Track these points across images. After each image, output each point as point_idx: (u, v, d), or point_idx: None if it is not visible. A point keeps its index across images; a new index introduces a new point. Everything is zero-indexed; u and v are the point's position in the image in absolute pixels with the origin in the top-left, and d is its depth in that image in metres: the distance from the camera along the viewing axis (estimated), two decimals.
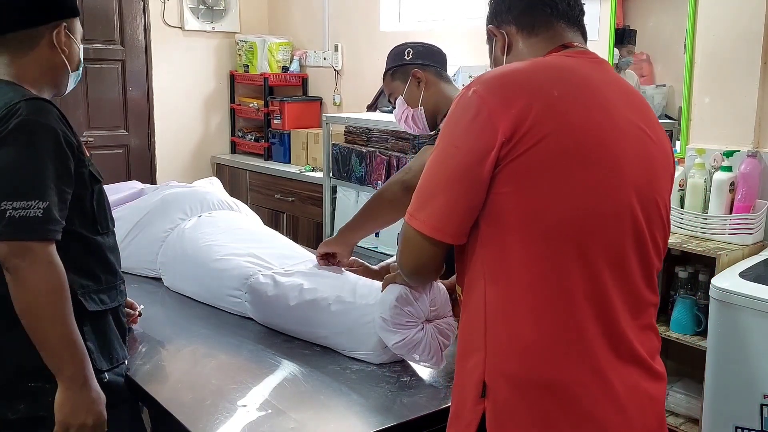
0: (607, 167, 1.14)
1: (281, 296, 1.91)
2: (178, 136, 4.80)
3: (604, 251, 1.14)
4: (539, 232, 1.12)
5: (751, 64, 2.55)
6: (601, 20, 3.03)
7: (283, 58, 4.82)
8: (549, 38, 1.29)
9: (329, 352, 1.79)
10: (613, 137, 1.16)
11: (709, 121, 2.71)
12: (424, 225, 1.17)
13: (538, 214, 1.11)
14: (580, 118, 1.14)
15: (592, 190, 1.13)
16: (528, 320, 1.13)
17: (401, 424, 1.45)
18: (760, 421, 2.07)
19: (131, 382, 1.65)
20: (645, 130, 1.23)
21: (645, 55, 3.04)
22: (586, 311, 1.13)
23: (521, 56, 1.30)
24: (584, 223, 1.13)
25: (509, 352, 1.14)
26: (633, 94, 1.29)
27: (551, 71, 1.20)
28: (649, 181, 1.20)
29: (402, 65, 2.14)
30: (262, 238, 2.32)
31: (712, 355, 2.19)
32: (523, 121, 1.11)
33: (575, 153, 1.12)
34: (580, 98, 1.17)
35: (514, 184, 1.12)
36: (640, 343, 1.19)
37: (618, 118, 1.18)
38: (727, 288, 2.12)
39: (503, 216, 1.13)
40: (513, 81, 1.16)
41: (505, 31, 1.33)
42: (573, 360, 1.13)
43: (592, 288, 1.13)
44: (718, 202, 2.49)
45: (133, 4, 4.52)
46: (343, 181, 3.81)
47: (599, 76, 1.24)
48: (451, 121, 1.18)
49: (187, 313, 2.10)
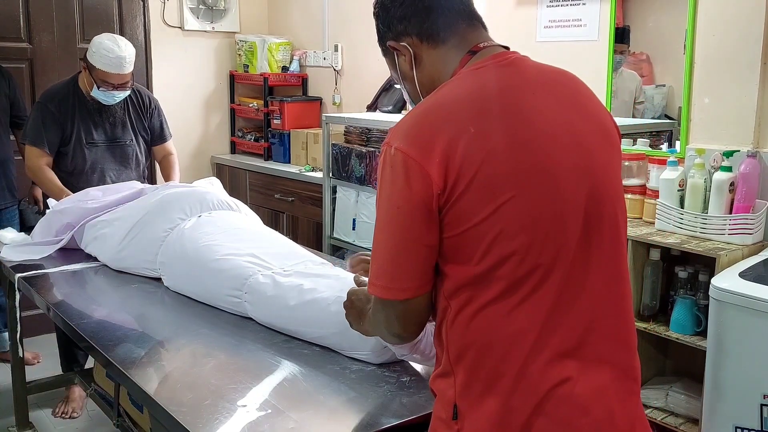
0: (545, 184, 1.13)
1: (281, 296, 1.91)
2: (177, 136, 4.75)
3: (557, 261, 1.14)
4: (493, 261, 1.12)
5: (751, 64, 2.55)
6: (601, 20, 3.03)
7: (282, 58, 4.82)
8: (456, 45, 1.25)
9: (329, 352, 1.79)
10: (545, 149, 1.14)
11: (709, 121, 2.71)
12: (385, 290, 1.17)
13: (487, 245, 1.11)
14: (505, 145, 1.12)
15: (534, 212, 1.12)
16: (489, 344, 1.14)
17: (401, 424, 1.45)
18: (759, 421, 2.07)
19: (132, 382, 1.65)
20: (578, 123, 1.20)
21: (645, 55, 3.04)
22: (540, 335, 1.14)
23: (433, 68, 1.26)
24: (535, 244, 1.12)
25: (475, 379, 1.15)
26: (558, 84, 1.24)
27: (465, 102, 1.15)
28: (593, 183, 1.18)
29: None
30: (262, 238, 2.32)
31: (712, 355, 2.19)
32: (449, 168, 1.10)
33: (508, 182, 1.11)
34: (500, 125, 1.13)
35: (459, 226, 1.12)
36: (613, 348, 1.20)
37: (546, 126, 1.16)
38: (727, 288, 2.12)
39: (457, 254, 1.14)
40: (428, 127, 1.13)
41: (407, 43, 1.27)
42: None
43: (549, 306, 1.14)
44: (717, 203, 2.49)
45: (133, 4, 4.52)
46: (343, 181, 3.81)
47: (516, 81, 1.20)
48: (384, 181, 1.16)
49: (187, 313, 2.10)
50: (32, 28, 4.16)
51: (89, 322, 2.03)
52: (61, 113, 3.04)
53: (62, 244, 2.66)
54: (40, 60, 4.19)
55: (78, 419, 3.25)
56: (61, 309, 2.13)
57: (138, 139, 3.25)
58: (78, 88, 3.09)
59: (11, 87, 3.63)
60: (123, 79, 3.01)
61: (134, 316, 2.15)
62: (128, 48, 3.00)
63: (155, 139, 3.33)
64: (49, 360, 3.48)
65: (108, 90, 3.00)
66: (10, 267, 2.51)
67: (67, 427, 3.19)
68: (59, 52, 4.23)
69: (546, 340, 1.14)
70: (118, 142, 3.18)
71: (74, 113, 3.07)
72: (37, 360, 3.73)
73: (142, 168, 3.34)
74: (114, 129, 3.16)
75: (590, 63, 3.04)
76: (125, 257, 2.43)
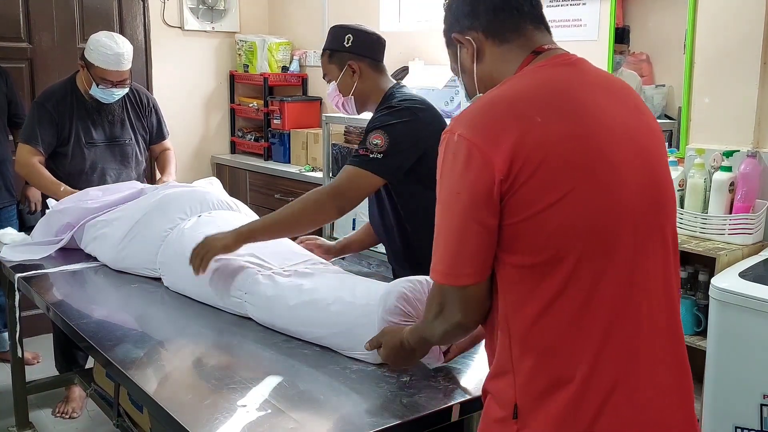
0: (605, 178, 1.15)
1: (281, 296, 1.91)
2: (177, 136, 4.77)
3: (621, 258, 1.16)
4: (550, 253, 1.13)
5: (750, 64, 2.55)
6: (601, 20, 3.03)
7: (282, 58, 4.82)
8: (521, 45, 1.27)
9: (329, 352, 1.79)
10: (605, 144, 1.17)
11: (708, 121, 2.71)
12: (445, 276, 1.19)
13: (547, 236, 1.12)
14: (568, 137, 1.14)
15: (596, 205, 1.14)
16: (555, 341, 1.15)
17: (401, 424, 1.45)
18: (759, 421, 2.07)
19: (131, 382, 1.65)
20: (633, 122, 1.23)
21: (645, 55, 3.04)
22: (614, 321, 1.16)
23: (494, 66, 1.29)
24: (595, 237, 1.14)
25: (539, 375, 1.16)
26: (614, 86, 1.28)
27: (530, 94, 1.19)
28: (650, 178, 1.21)
29: (339, 51, 2.16)
30: None
31: (712, 355, 2.19)
32: (515, 156, 1.11)
33: (571, 174, 1.13)
34: (565, 116, 1.16)
35: (520, 213, 1.13)
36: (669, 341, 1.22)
37: (607, 121, 1.18)
38: (727, 288, 2.12)
39: (516, 243, 1.15)
40: (494, 116, 1.16)
41: (472, 37, 1.30)
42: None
43: (618, 298, 1.16)
44: (717, 202, 2.49)
45: (133, 4, 4.51)
46: None
47: (578, 80, 1.23)
48: (445, 168, 1.18)
49: (187, 313, 2.09)
50: (32, 28, 4.16)
51: (89, 322, 2.02)
52: (59, 113, 3.04)
53: (62, 244, 2.66)
54: (40, 60, 4.19)
55: (78, 419, 3.24)
56: (61, 309, 2.13)
57: (137, 139, 3.25)
58: (76, 88, 3.09)
59: (9, 86, 3.63)
60: (121, 76, 3.01)
61: (134, 316, 2.15)
62: (126, 45, 3.00)
63: (153, 138, 3.33)
64: (49, 360, 3.47)
65: (107, 87, 3.00)
66: (9, 267, 2.51)
67: (67, 427, 3.19)
68: (59, 52, 4.23)
69: (610, 338, 1.15)
70: (117, 141, 3.18)
71: (72, 113, 3.06)
72: (37, 360, 3.73)
73: (142, 167, 3.34)
74: (113, 128, 3.16)
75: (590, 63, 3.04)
76: (125, 257, 2.43)
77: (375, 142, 2.01)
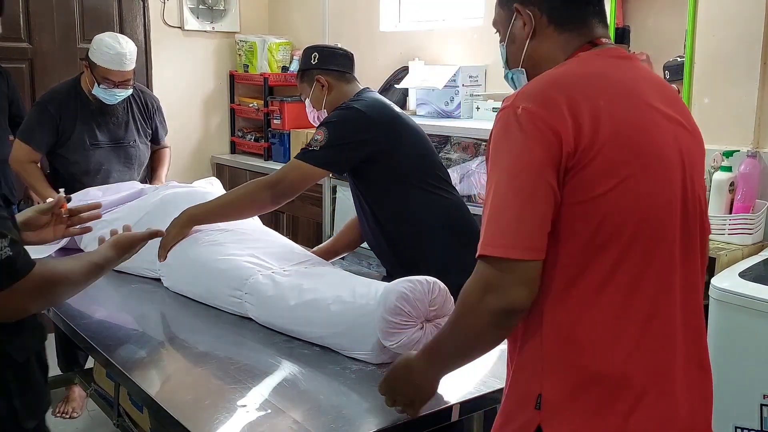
0: (657, 171, 1.16)
1: (281, 296, 1.91)
2: (177, 136, 4.78)
3: (664, 252, 1.17)
4: (603, 239, 1.12)
5: (751, 64, 2.55)
6: None
7: (283, 58, 4.82)
8: (582, 34, 1.27)
9: (329, 352, 1.79)
10: (658, 139, 1.18)
11: (708, 121, 2.70)
12: (510, 249, 1.09)
13: (602, 222, 1.12)
14: (627, 124, 1.15)
15: (648, 195, 1.14)
16: (599, 336, 1.14)
17: (401, 424, 1.45)
18: (759, 421, 2.07)
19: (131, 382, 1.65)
20: (682, 123, 1.24)
21: (645, 55, 3.04)
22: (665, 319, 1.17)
23: (549, 48, 1.27)
24: (644, 227, 1.14)
25: (568, 368, 1.15)
26: (664, 86, 1.30)
27: (592, 78, 1.19)
28: (691, 177, 1.22)
29: (308, 69, 2.32)
30: (262, 238, 2.32)
31: (712, 355, 2.16)
32: (581, 133, 1.10)
33: (628, 160, 1.13)
34: (624, 104, 1.17)
35: (579, 195, 1.11)
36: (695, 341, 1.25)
37: (659, 118, 1.20)
38: (727, 288, 2.12)
39: (568, 227, 1.13)
40: (559, 93, 1.14)
41: (532, 13, 1.27)
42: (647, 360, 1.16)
43: (661, 290, 1.16)
44: (717, 202, 2.49)
45: (133, 4, 4.52)
46: (343, 181, 3.80)
47: (632, 74, 1.24)
48: (507, 139, 1.13)
49: (187, 313, 2.10)
50: (32, 28, 4.16)
51: (89, 323, 2.03)
52: (61, 115, 3.04)
53: (62, 244, 2.65)
54: (40, 60, 4.19)
55: (78, 419, 3.24)
56: (61, 309, 2.12)
57: (141, 140, 3.26)
58: (80, 90, 3.09)
59: (10, 86, 3.63)
60: (124, 77, 3.01)
61: (134, 316, 2.15)
62: (129, 45, 3.01)
63: (152, 141, 3.35)
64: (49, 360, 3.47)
65: (109, 87, 3.00)
66: None
67: (67, 427, 3.19)
68: (59, 52, 4.23)
69: (646, 334, 1.15)
70: (122, 143, 3.19)
71: (76, 115, 3.07)
72: None
73: (145, 169, 3.35)
74: (118, 130, 3.17)
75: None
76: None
77: (316, 137, 2.15)
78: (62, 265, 1.40)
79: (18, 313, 1.28)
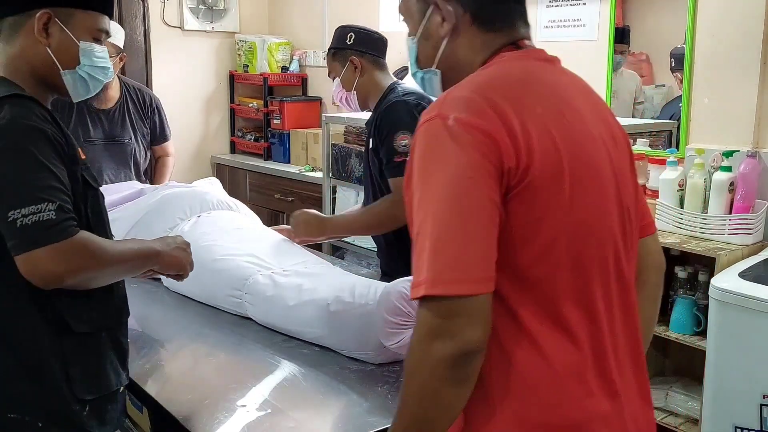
0: (592, 182, 1.07)
1: (280, 296, 1.91)
2: (177, 136, 4.73)
3: (597, 265, 1.08)
4: (536, 254, 1.02)
5: (750, 64, 2.55)
6: (601, 20, 3.03)
7: (282, 58, 4.82)
8: (505, 35, 1.15)
9: (329, 352, 1.79)
10: (590, 148, 1.09)
11: (708, 121, 2.71)
12: (460, 284, 0.93)
13: (536, 236, 1.01)
14: (561, 134, 1.04)
15: (583, 206, 1.05)
16: (535, 353, 1.02)
17: None
18: (759, 421, 2.07)
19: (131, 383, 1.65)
20: (609, 129, 1.16)
21: (645, 55, 3.05)
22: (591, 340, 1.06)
23: (469, 48, 1.15)
24: (577, 239, 1.05)
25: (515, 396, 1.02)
26: (589, 91, 1.21)
27: (524, 83, 1.08)
28: (623, 188, 1.14)
29: (342, 48, 2.27)
30: (262, 239, 2.32)
31: (712, 355, 2.19)
32: (519, 143, 0.99)
33: (563, 171, 1.02)
34: (556, 113, 1.06)
35: (520, 217, 1.00)
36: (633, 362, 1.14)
37: (588, 125, 1.11)
38: (727, 288, 2.12)
39: (508, 248, 1.00)
40: (490, 100, 1.01)
41: (454, 10, 1.13)
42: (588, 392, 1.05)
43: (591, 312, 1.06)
44: (717, 203, 2.49)
45: (133, 4, 4.52)
46: (343, 181, 3.81)
47: (558, 79, 1.15)
48: (437, 157, 0.98)
49: (187, 313, 2.10)
50: None
51: None
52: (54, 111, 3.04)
53: None
54: None
55: None
56: None
57: (137, 138, 3.23)
58: None
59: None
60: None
61: (134, 316, 2.13)
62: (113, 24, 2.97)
63: (155, 139, 3.32)
64: None
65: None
66: None
67: None
68: None
69: (591, 372, 1.05)
70: (116, 140, 3.16)
71: (71, 112, 3.06)
72: None
73: (142, 168, 3.32)
74: (113, 127, 3.14)
75: (590, 63, 3.04)
76: None
77: (403, 143, 2.05)
78: (105, 241, 1.38)
79: (52, 277, 1.27)
